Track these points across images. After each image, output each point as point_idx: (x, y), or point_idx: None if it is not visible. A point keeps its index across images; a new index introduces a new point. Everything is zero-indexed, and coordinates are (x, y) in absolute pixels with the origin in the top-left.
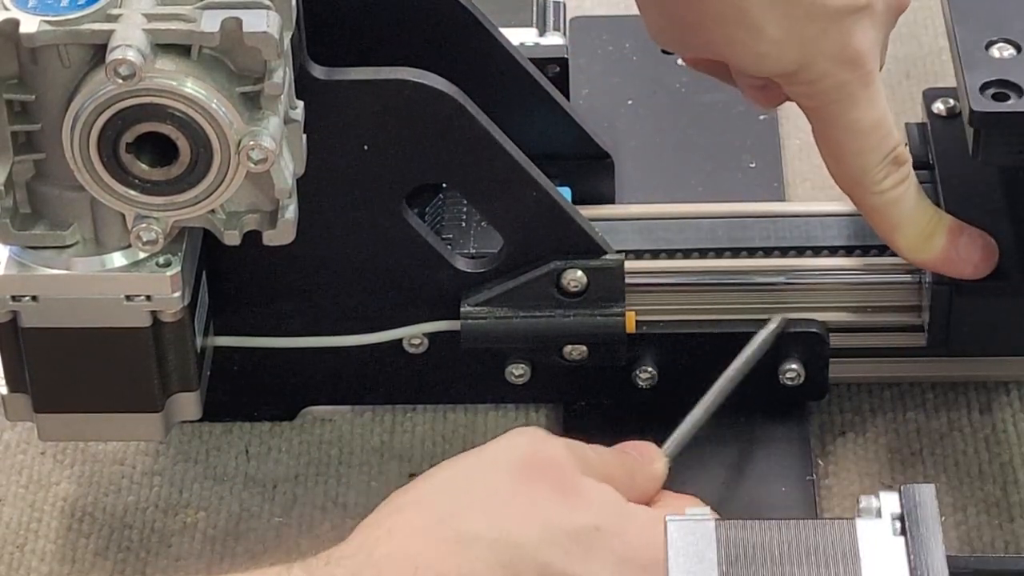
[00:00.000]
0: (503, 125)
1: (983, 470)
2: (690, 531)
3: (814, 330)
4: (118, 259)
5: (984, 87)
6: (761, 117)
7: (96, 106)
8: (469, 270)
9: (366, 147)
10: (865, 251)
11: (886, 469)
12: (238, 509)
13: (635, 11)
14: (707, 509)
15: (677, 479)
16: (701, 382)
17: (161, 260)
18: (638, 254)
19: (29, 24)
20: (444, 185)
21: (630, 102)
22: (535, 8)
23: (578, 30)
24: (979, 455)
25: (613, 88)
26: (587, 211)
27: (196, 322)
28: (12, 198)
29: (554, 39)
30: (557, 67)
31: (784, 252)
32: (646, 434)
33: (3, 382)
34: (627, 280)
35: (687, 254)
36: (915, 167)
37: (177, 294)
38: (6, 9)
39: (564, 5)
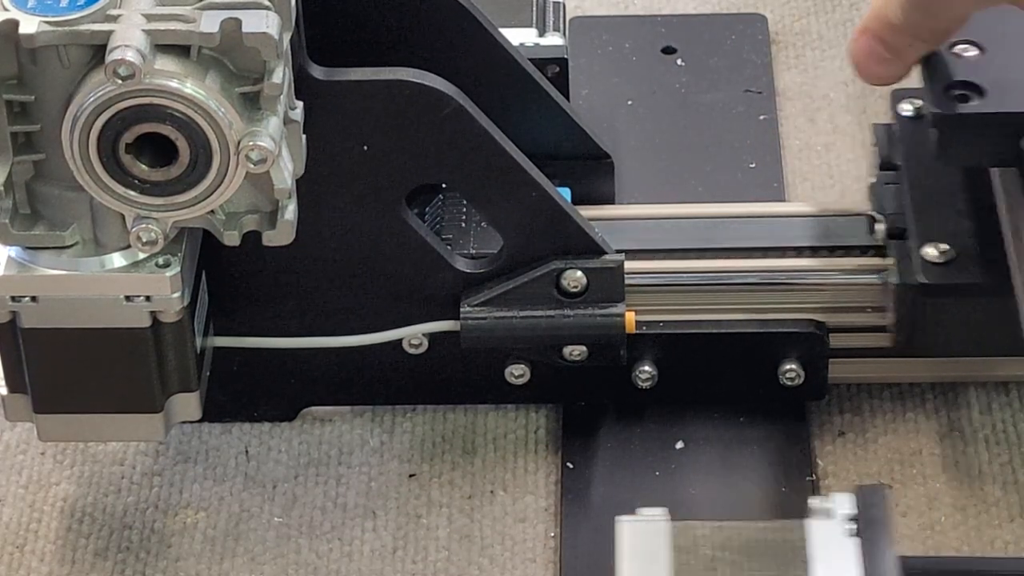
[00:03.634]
0: (503, 125)
1: (983, 470)
2: (642, 531)
3: (813, 330)
4: (118, 259)
5: (947, 88)
6: (761, 117)
7: (96, 107)
8: (469, 270)
9: (366, 147)
10: (835, 251)
11: (886, 469)
12: (238, 509)
13: (635, 11)
14: (662, 510)
15: (677, 479)
16: (701, 382)
17: (161, 260)
18: (638, 254)
19: (29, 25)
20: (444, 185)
21: (630, 102)
22: (535, 8)
23: (578, 30)
24: (979, 455)
25: (613, 88)
26: (587, 211)
27: (196, 322)
28: (12, 198)
29: (554, 39)
30: (557, 67)
31: (784, 252)
32: (646, 434)
33: (3, 382)
34: (627, 280)
35: (687, 254)
36: (882, 168)
37: (177, 294)
38: (6, 9)
39: (564, 5)
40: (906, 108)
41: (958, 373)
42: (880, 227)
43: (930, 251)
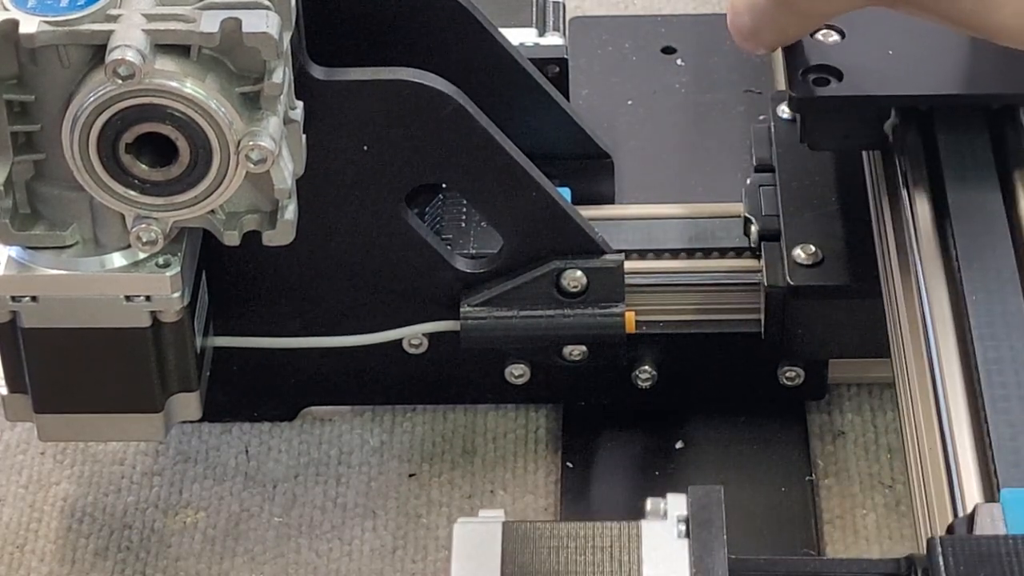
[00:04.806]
0: (503, 125)
1: None
2: (476, 533)
3: None
4: (118, 259)
5: (805, 72)
6: (761, 117)
7: (96, 106)
8: (469, 270)
9: (366, 147)
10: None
11: (886, 469)
12: (238, 509)
13: (635, 11)
14: (500, 512)
15: (677, 479)
16: (701, 382)
17: (161, 260)
18: (638, 254)
19: (29, 24)
20: (444, 185)
21: (630, 102)
22: (535, 8)
23: (578, 30)
24: None
25: (613, 88)
26: (587, 211)
27: (196, 322)
28: (12, 198)
29: (554, 39)
30: (557, 67)
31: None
32: (646, 434)
33: (3, 382)
34: (627, 280)
35: (687, 254)
36: (758, 170)
37: (177, 294)
38: (6, 9)
39: (564, 5)
40: (784, 110)
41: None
42: (753, 229)
43: (799, 252)
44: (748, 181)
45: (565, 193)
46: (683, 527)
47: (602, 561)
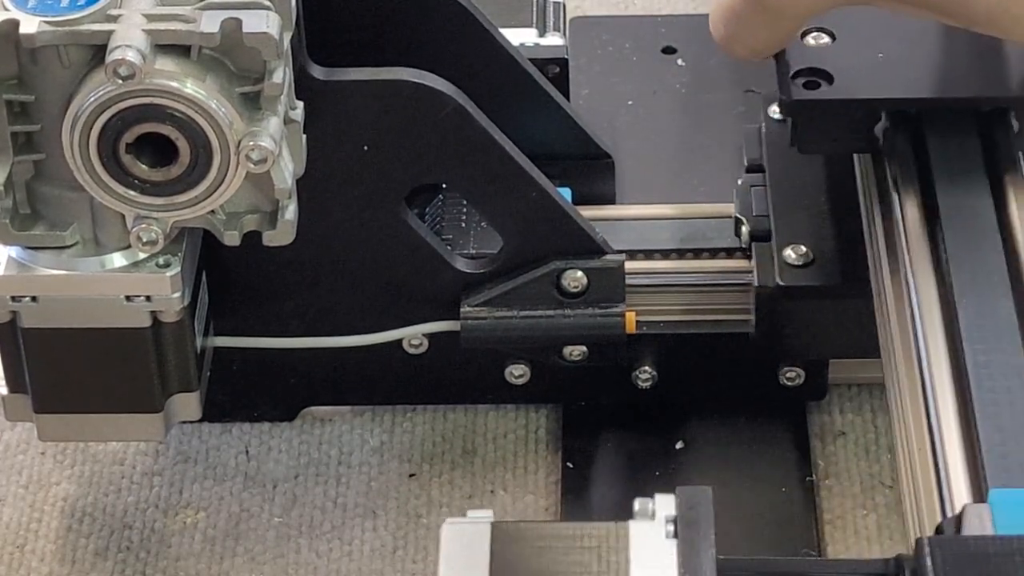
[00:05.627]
0: (503, 125)
1: None
2: (464, 533)
3: None
4: (118, 259)
5: (796, 75)
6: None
7: (96, 107)
8: (469, 270)
9: (366, 147)
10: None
11: (886, 469)
12: (238, 509)
13: (635, 11)
14: (489, 512)
15: (677, 479)
16: (701, 382)
17: (161, 260)
18: (638, 254)
19: (29, 25)
20: (444, 185)
21: (630, 102)
22: (535, 8)
23: (578, 30)
24: None
25: (613, 88)
26: (587, 211)
27: (196, 322)
28: (12, 198)
29: (554, 39)
30: (557, 67)
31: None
32: (646, 434)
33: (3, 382)
34: (627, 280)
35: (687, 254)
36: (749, 170)
37: (177, 294)
38: (6, 9)
39: (564, 5)
40: (775, 110)
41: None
42: (744, 229)
43: (789, 253)
44: (739, 182)
45: (565, 193)
46: (671, 527)
47: (590, 561)
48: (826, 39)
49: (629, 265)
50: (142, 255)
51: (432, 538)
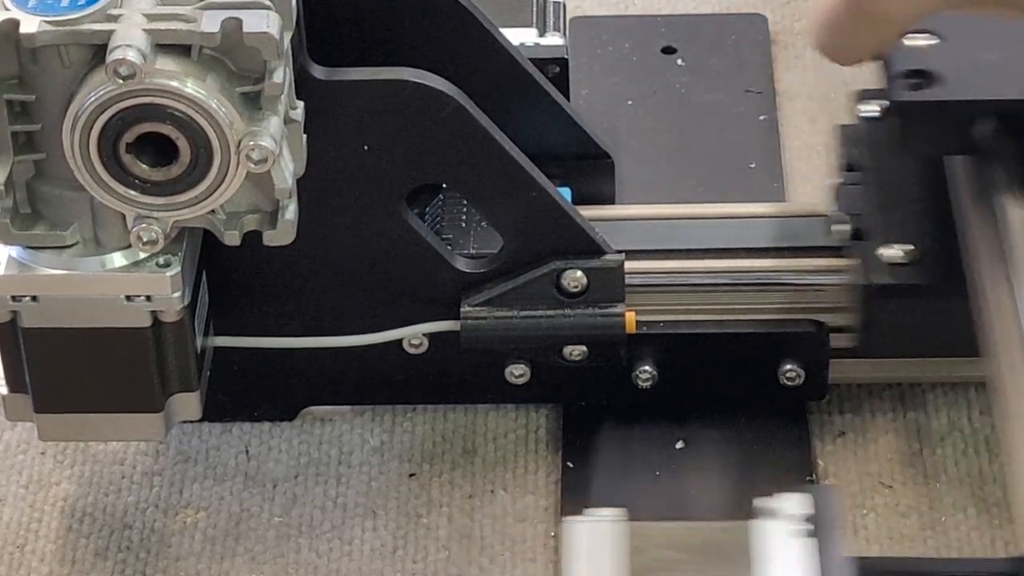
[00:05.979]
0: (503, 125)
1: (983, 470)
2: (590, 532)
3: (813, 330)
4: (118, 259)
5: (903, 76)
6: (761, 117)
7: (96, 106)
8: (469, 270)
9: (366, 147)
10: (798, 252)
11: (886, 469)
12: (238, 509)
13: (635, 11)
14: (610, 510)
15: (677, 479)
16: (701, 382)
17: (161, 260)
18: (638, 254)
19: (29, 24)
20: (444, 185)
21: (630, 102)
22: (535, 8)
23: (578, 30)
24: (979, 455)
25: (613, 88)
26: (587, 211)
27: (196, 322)
28: (12, 198)
29: (554, 39)
30: (557, 67)
31: (783, 253)
32: (646, 434)
33: (3, 382)
34: (627, 280)
35: (687, 254)
36: (845, 169)
37: (177, 294)
38: (6, 9)
39: (564, 5)
40: (868, 108)
41: (959, 374)
42: (843, 228)
43: (891, 252)
44: (835, 180)
45: (565, 193)
46: (799, 526)
47: (721, 558)
48: (931, 40)
49: (630, 265)
50: (142, 255)
51: (432, 538)
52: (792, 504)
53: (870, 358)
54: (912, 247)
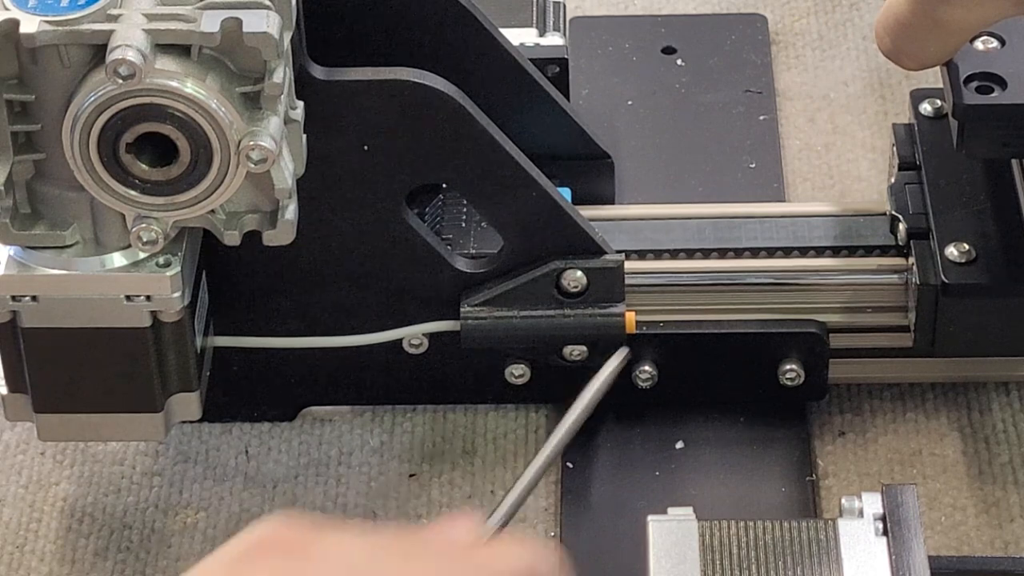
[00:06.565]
0: (503, 125)
1: (983, 470)
2: (671, 531)
3: (813, 330)
4: (118, 259)
5: (968, 80)
6: (761, 117)
7: (96, 106)
8: (469, 270)
9: (366, 147)
10: (855, 251)
11: (886, 469)
12: (238, 509)
13: (635, 11)
14: (689, 509)
15: (677, 479)
16: (701, 382)
17: (161, 260)
18: (638, 254)
19: (29, 24)
20: (444, 185)
21: (630, 102)
22: (535, 8)
23: (578, 30)
24: (979, 455)
25: (613, 88)
26: (587, 211)
27: (196, 322)
28: (12, 198)
29: (554, 39)
30: (557, 67)
31: (783, 252)
32: (646, 434)
33: (3, 382)
34: (627, 280)
35: (687, 254)
36: (902, 168)
37: (177, 294)
38: (6, 9)
39: (564, 5)
40: (926, 108)
41: (966, 373)
42: (901, 227)
43: (952, 251)
44: (892, 180)
45: (565, 193)
46: (880, 525)
47: (800, 558)
48: (995, 43)
49: (630, 265)
50: (142, 255)
51: None
52: (872, 503)
53: (928, 357)
54: (972, 247)
